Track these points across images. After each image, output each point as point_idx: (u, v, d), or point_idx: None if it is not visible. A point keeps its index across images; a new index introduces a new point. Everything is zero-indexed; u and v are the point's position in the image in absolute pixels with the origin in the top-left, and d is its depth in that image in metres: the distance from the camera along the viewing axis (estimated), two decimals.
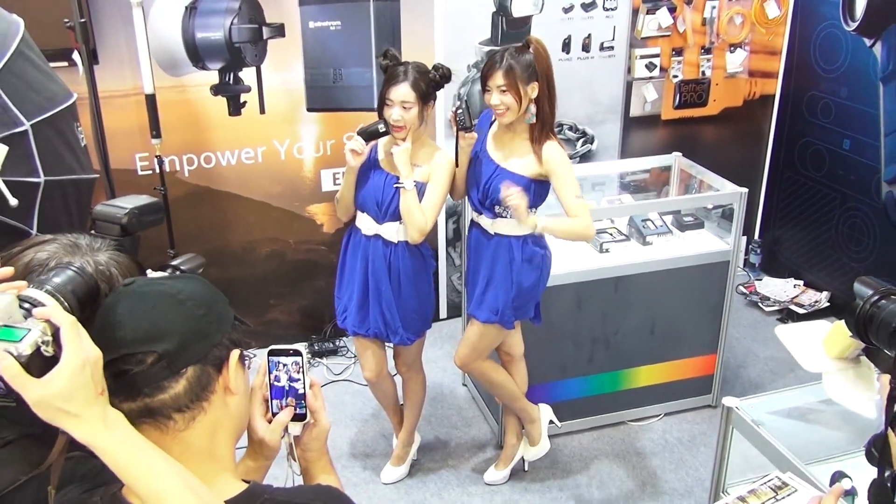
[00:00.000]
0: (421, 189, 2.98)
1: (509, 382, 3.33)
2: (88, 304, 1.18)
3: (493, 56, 2.87)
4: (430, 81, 2.93)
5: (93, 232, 1.48)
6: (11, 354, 1.03)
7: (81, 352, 1.07)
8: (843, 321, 1.56)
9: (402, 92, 2.87)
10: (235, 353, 1.24)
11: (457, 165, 3.03)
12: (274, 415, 1.40)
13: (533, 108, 2.89)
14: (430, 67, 2.96)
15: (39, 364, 1.05)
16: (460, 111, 2.89)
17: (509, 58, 2.81)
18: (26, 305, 1.08)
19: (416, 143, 2.98)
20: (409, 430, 3.52)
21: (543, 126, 2.90)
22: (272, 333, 4.37)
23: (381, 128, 2.92)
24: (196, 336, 1.18)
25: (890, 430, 1.33)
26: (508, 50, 2.84)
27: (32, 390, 1.04)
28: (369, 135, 2.93)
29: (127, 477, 1.09)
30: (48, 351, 1.06)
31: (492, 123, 3.06)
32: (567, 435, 3.78)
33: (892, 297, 1.37)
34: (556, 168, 2.88)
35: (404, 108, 2.88)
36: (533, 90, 2.85)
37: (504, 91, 2.82)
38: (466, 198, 3.34)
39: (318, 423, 1.44)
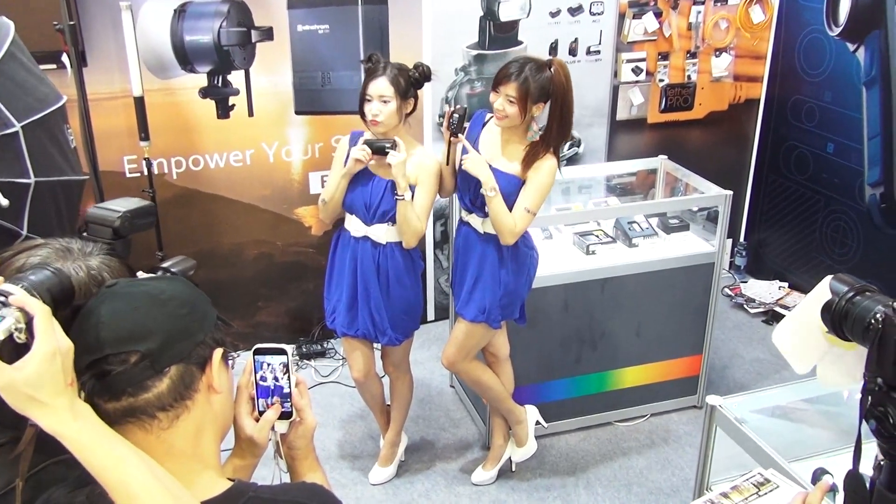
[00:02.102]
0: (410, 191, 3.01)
1: (496, 383, 3.35)
2: (63, 303, 1.19)
3: (512, 63, 2.86)
4: (409, 79, 2.96)
5: (84, 234, 1.49)
6: None
7: (53, 341, 1.09)
8: None
9: (381, 86, 2.90)
10: (218, 352, 1.25)
11: (447, 163, 3.05)
12: (260, 413, 1.41)
13: (535, 126, 2.92)
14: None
15: (11, 350, 1.07)
16: (455, 115, 2.90)
17: (528, 72, 2.81)
18: (1, 298, 1.09)
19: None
20: (395, 430, 3.54)
21: (547, 147, 2.90)
22: (260, 335, 4.38)
23: (388, 146, 2.93)
24: (179, 335, 1.18)
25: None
26: (529, 63, 2.84)
27: (2, 374, 1.06)
28: (375, 149, 2.95)
29: (94, 466, 1.10)
30: (20, 338, 1.07)
31: (484, 125, 3.08)
32: (554, 436, 3.81)
33: (867, 293, 1.40)
34: (534, 177, 2.90)
35: (383, 101, 2.90)
36: (538, 110, 2.88)
37: (512, 102, 2.83)
38: (455, 198, 3.36)
39: (305, 421, 1.44)
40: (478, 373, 3.31)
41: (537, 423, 3.54)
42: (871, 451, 1.45)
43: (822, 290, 1.48)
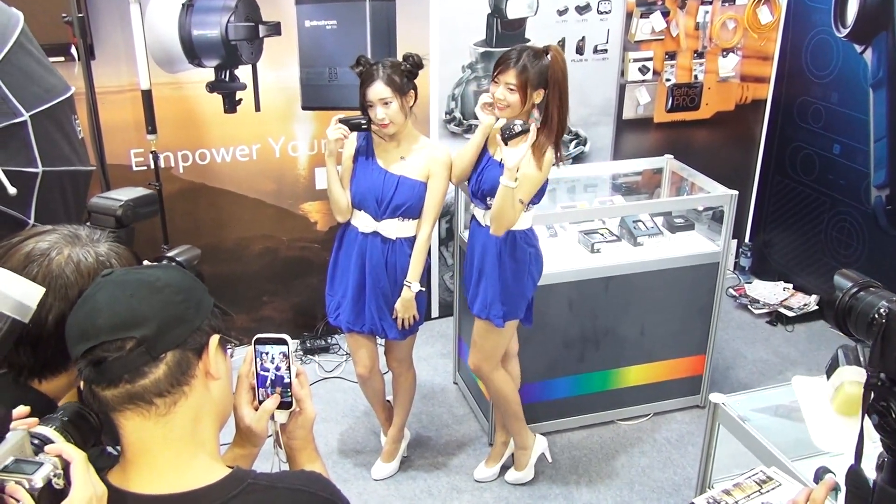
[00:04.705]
0: (415, 186, 3.02)
1: (516, 400, 3.35)
2: (92, 439, 1.23)
3: (510, 52, 2.87)
4: (402, 73, 2.97)
5: (88, 224, 1.50)
6: (24, 487, 1.08)
7: (90, 486, 1.13)
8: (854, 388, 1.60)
9: (378, 90, 2.91)
10: (215, 338, 1.26)
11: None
12: (260, 402, 1.42)
13: (536, 114, 2.92)
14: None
15: (49, 497, 1.10)
16: (517, 128, 2.77)
17: (526, 59, 2.82)
18: (36, 441, 1.14)
19: (405, 137, 3.04)
20: (398, 426, 3.54)
21: (550, 134, 2.87)
22: (264, 330, 4.29)
23: (363, 123, 2.96)
24: (174, 321, 1.19)
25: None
26: (527, 51, 2.85)
27: None
28: (352, 126, 2.98)
29: None
30: (59, 484, 1.11)
31: None
32: (557, 433, 3.81)
33: (871, 289, 1.40)
34: (530, 171, 2.87)
35: (385, 104, 2.92)
36: (538, 96, 2.88)
37: (512, 90, 2.84)
38: (461, 196, 3.36)
39: (304, 411, 1.45)
40: (500, 384, 3.29)
41: (542, 454, 3.55)
42: (873, 452, 1.45)
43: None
